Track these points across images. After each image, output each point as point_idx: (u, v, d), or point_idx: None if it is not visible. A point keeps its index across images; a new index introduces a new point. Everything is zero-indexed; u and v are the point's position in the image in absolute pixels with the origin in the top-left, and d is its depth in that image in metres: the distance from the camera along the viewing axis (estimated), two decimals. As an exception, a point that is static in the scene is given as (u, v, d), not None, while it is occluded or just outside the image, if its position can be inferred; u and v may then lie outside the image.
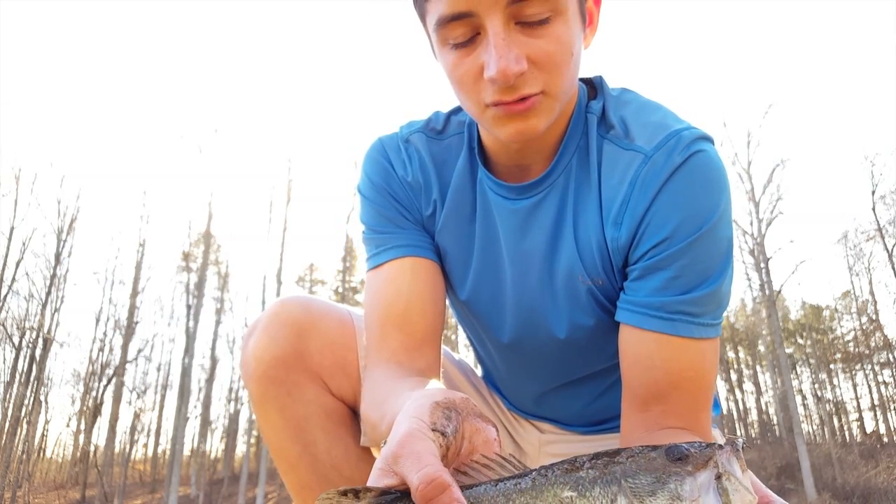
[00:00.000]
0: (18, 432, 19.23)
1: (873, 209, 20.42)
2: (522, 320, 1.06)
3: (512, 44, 0.79)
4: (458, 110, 1.10)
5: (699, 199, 0.85)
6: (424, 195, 1.07)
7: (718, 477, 0.49)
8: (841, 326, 30.79)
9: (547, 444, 1.24)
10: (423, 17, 0.90)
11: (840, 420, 31.45)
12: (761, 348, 29.81)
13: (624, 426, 0.91)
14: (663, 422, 0.87)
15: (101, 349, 24.32)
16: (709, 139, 0.90)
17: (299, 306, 1.14)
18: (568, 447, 1.21)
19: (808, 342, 31.81)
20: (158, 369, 29.01)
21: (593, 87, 1.01)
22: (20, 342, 19.94)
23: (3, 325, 19.40)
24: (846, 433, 30.87)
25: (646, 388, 0.88)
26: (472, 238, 1.06)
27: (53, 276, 20.68)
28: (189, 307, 21.88)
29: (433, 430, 0.54)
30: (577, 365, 1.11)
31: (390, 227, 1.07)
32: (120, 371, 22.20)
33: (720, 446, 0.51)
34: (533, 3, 0.78)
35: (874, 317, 24.99)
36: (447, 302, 1.16)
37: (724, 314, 0.92)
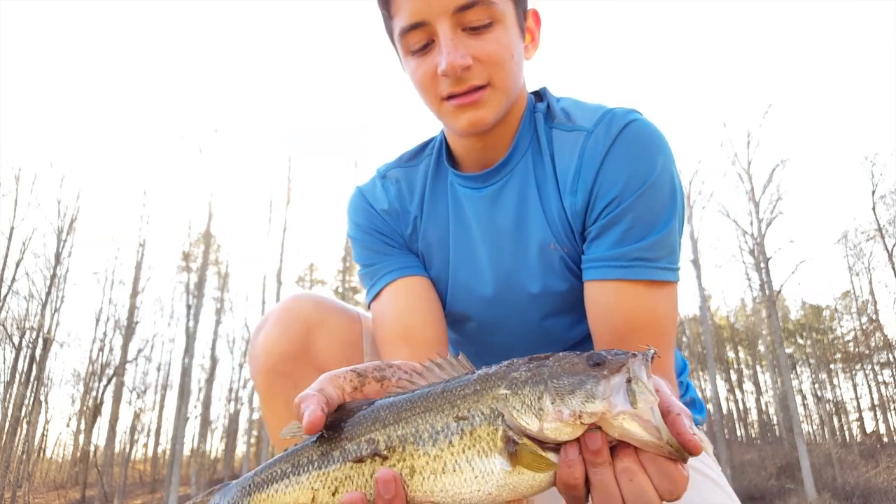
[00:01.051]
0: (18, 432, 19.22)
1: (873, 209, 20.41)
2: (501, 293, 1.14)
3: (459, 44, 0.96)
4: (429, 141, 1.26)
5: (639, 160, 0.99)
6: (402, 217, 1.21)
7: (629, 381, 0.56)
8: (841, 326, 30.78)
9: None
10: (391, 35, 1.08)
11: (840, 420, 31.43)
12: (761, 348, 29.80)
13: None
14: None
15: (101, 349, 24.31)
16: (639, 112, 1.05)
17: (311, 303, 1.19)
18: None
19: (808, 342, 31.80)
20: (158, 369, 29.01)
21: (539, 96, 1.18)
22: (20, 342, 19.93)
23: (3, 325, 19.39)
24: (846, 433, 30.85)
25: (609, 334, 0.99)
26: (447, 231, 1.17)
27: (53, 276, 20.68)
28: (189, 307, 21.87)
29: (351, 370, 0.69)
30: (552, 337, 1.17)
31: (378, 258, 1.19)
32: (120, 371, 22.20)
33: (633, 355, 0.58)
34: (474, 11, 0.96)
35: (874, 317, 24.98)
36: None
37: (680, 262, 1.04)
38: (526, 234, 1.09)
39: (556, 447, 0.57)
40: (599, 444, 0.56)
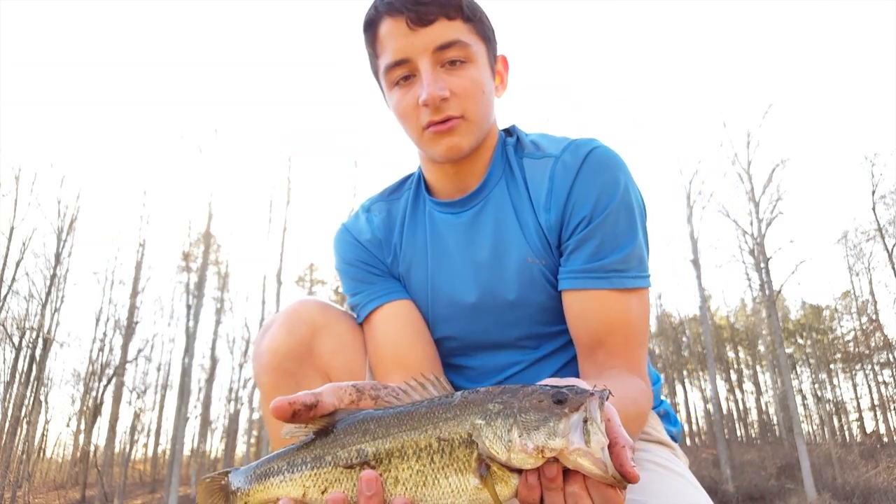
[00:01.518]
0: (18, 432, 19.22)
1: (873, 209, 20.41)
2: (483, 299, 1.21)
3: (438, 78, 1.09)
4: (408, 176, 1.36)
5: (605, 180, 1.11)
6: (386, 245, 1.30)
7: (585, 420, 0.65)
8: (841, 326, 30.79)
9: None
10: (376, 72, 1.20)
11: (840, 420, 31.43)
12: (761, 348, 29.79)
13: (581, 371, 1.12)
14: (608, 363, 1.08)
15: (101, 349, 24.31)
16: (599, 140, 1.18)
17: (317, 307, 1.26)
18: None
19: (808, 342, 31.80)
20: (158, 369, 29.02)
21: (509, 132, 1.30)
22: (20, 342, 19.92)
23: (3, 325, 19.39)
24: (846, 433, 30.86)
25: (589, 337, 1.10)
26: (426, 251, 1.26)
27: (53, 276, 20.68)
28: (189, 307, 21.87)
29: (352, 385, 0.76)
30: (522, 356, 1.23)
31: (363, 286, 1.27)
32: (120, 371, 22.19)
33: (591, 394, 0.66)
34: (451, 50, 1.09)
35: (874, 317, 24.98)
36: None
37: (649, 268, 1.15)
38: (504, 251, 1.19)
39: (519, 471, 0.67)
40: (555, 473, 0.65)
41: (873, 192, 20.37)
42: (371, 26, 1.14)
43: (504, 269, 1.18)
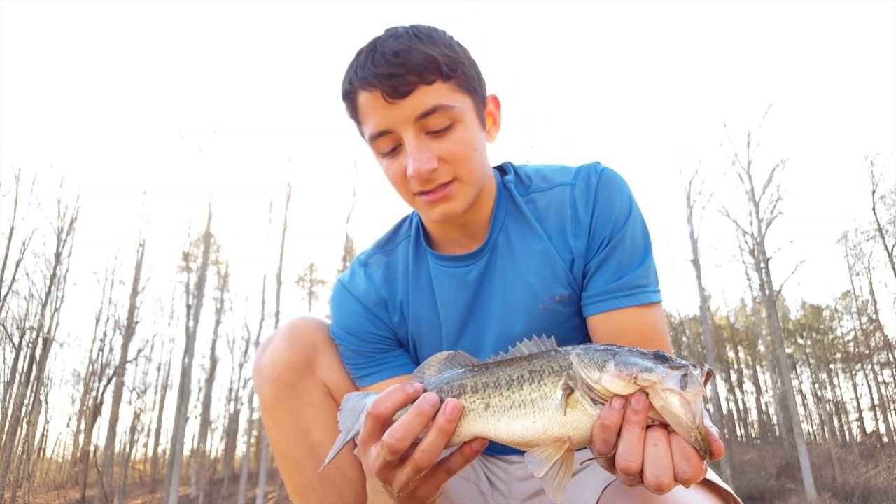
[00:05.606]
0: (18, 432, 19.21)
1: (873, 209, 20.41)
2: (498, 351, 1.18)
3: (423, 149, 1.04)
4: (402, 221, 1.33)
5: (619, 200, 1.13)
6: (391, 304, 1.25)
7: (685, 376, 0.67)
8: (841, 326, 30.78)
9: (522, 479, 1.26)
10: (363, 135, 1.14)
11: (840, 420, 31.42)
12: (761, 348, 29.79)
13: None
14: None
15: (101, 349, 24.30)
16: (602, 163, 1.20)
17: (316, 323, 1.27)
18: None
19: (808, 342, 31.80)
20: (158, 369, 29.01)
21: (503, 169, 1.27)
22: (20, 342, 19.91)
23: (3, 325, 19.38)
24: (846, 433, 30.85)
25: None
26: (435, 310, 1.23)
27: (53, 276, 20.67)
28: (189, 307, 21.86)
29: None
30: None
31: (363, 359, 1.23)
32: (120, 371, 22.19)
33: (693, 365, 0.69)
34: (434, 117, 1.03)
35: (874, 317, 24.98)
36: None
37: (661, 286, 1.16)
38: (513, 304, 1.17)
39: (602, 405, 0.70)
40: (642, 405, 0.66)
41: (873, 192, 20.37)
42: (349, 97, 1.10)
43: (513, 324, 1.16)
